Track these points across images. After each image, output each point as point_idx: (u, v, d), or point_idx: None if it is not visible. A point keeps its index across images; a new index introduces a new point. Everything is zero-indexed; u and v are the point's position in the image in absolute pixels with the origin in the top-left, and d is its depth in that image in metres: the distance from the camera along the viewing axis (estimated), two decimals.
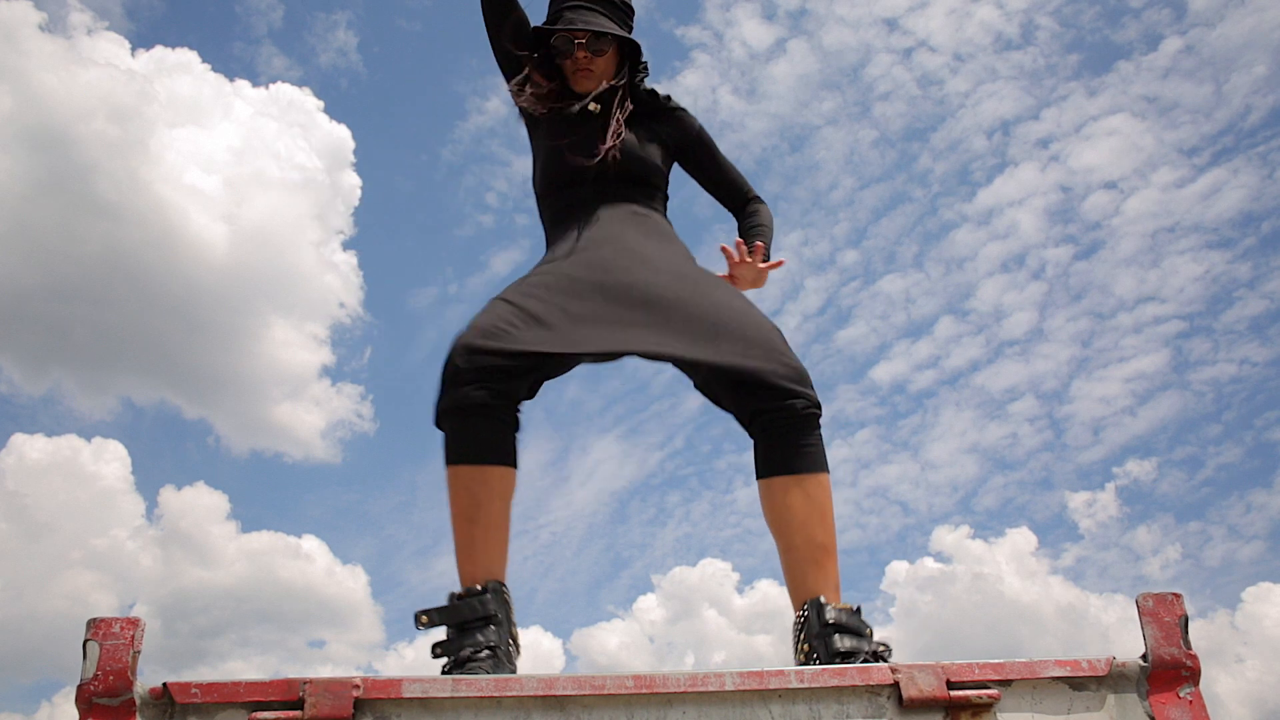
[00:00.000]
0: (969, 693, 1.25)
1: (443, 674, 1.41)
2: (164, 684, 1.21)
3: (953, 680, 1.26)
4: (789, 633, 1.61)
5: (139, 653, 1.22)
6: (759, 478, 1.72)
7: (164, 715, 1.21)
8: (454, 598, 1.54)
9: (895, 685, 1.25)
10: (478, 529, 1.59)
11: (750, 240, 2.13)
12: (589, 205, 2.00)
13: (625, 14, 2.13)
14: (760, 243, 2.11)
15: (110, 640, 1.22)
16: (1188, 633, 1.29)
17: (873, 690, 1.26)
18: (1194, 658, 1.28)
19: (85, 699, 1.19)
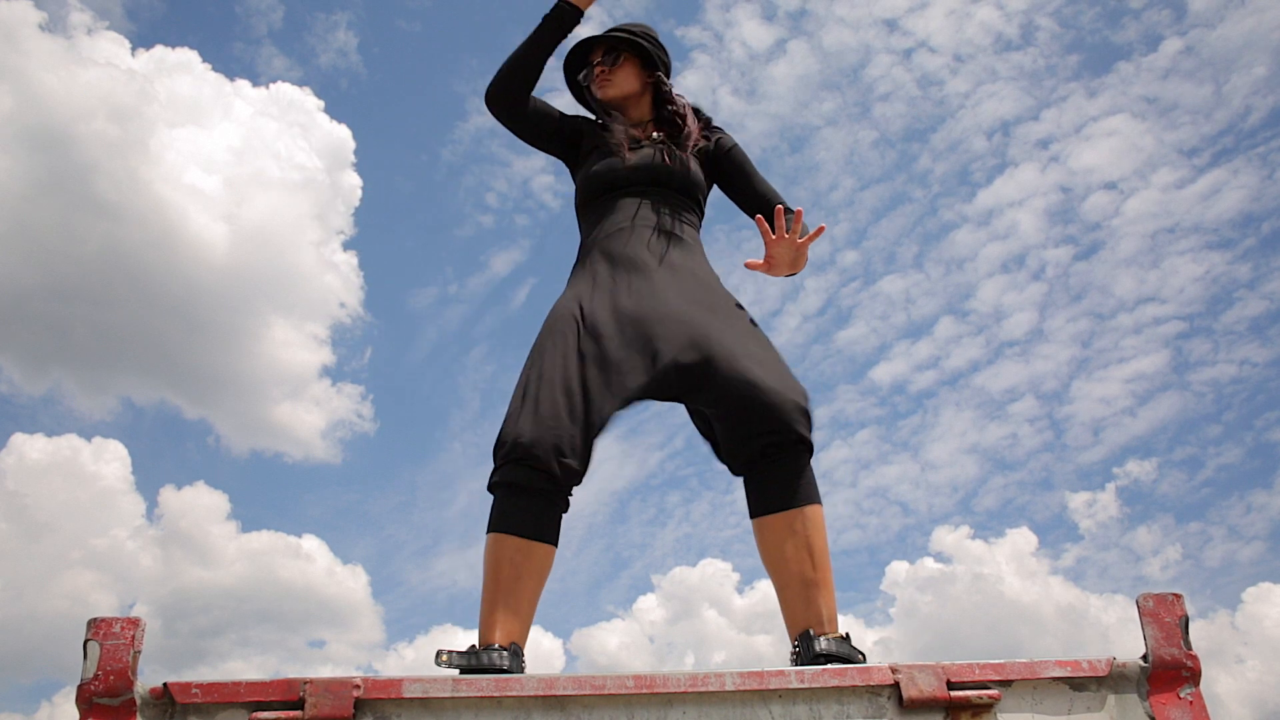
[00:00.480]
0: (969, 693, 1.25)
1: None
2: (164, 684, 1.21)
3: (953, 680, 1.26)
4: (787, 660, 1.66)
5: (139, 653, 1.22)
6: (753, 516, 1.77)
7: (164, 715, 1.21)
8: (474, 648, 1.57)
9: (895, 685, 1.25)
10: (513, 599, 1.64)
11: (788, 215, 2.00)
12: (628, 213, 2.02)
13: (650, 40, 2.20)
14: (800, 208, 2.00)
15: (110, 640, 1.22)
16: (1188, 633, 1.29)
17: (873, 690, 1.26)
18: (1194, 658, 1.28)
19: (86, 699, 1.19)
